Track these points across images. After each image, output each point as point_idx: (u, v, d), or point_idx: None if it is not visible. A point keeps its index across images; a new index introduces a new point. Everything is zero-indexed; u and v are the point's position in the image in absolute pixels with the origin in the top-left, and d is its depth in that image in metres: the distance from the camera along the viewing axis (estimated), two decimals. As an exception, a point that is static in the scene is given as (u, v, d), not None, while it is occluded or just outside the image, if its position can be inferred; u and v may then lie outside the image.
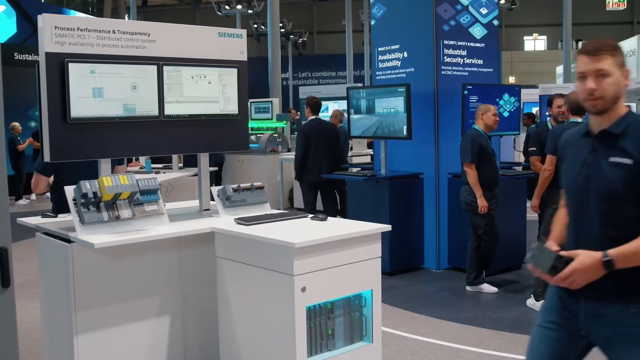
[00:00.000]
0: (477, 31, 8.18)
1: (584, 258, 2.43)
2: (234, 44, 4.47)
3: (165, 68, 3.99)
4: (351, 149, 12.76)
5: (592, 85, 2.48)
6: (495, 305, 6.47)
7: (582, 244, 2.53)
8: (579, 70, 2.54)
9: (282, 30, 30.43)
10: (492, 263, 7.00)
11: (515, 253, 7.74)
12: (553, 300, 2.69)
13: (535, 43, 42.57)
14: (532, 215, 7.57)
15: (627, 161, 2.45)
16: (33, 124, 16.00)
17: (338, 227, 3.94)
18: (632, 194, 2.44)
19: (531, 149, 6.59)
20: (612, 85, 2.49)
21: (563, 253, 2.49)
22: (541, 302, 6.07)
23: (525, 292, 6.72)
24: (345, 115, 10.63)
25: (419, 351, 5.23)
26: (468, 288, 6.91)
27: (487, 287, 6.85)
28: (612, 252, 2.41)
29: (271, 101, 14.55)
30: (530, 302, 6.26)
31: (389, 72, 8.45)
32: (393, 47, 8.37)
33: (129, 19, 28.61)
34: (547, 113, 13.14)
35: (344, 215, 8.36)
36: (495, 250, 6.82)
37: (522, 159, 14.25)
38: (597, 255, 2.41)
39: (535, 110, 15.37)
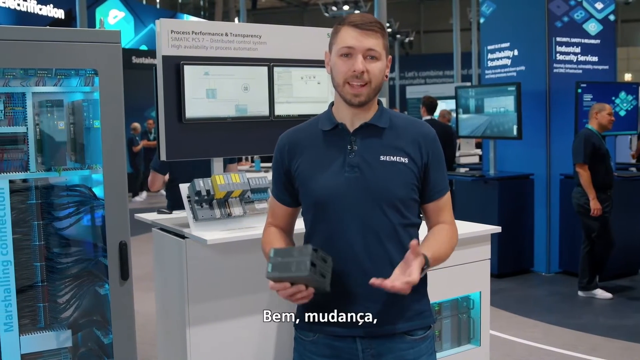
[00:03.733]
0: (592, 27, 7.91)
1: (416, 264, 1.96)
2: (342, 44, 4.47)
3: (275, 69, 4.06)
4: (459, 148, 12.61)
5: (360, 67, 2.06)
6: (609, 311, 6.23)
7: (348, 267, 2.11)
8: (346, 45, 2.08)
9: (389, 29, 30.34)
10: (607, 268, 6.77)
11: (632, 258, 7.46)
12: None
13: (654, 38, 40.55)
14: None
15: (403, 159, 2.12)
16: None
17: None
18: (409, 197, 2.13)
19: None
20: (380, 72, 2.11)
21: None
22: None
23: (641, 299, 6.46)
24: (453, 114, 10.49)
25: (528, 356, 5.12)
26: (580, 293, 6.70)
27: (600, 293, 6.62)
28: (428, 254, 2.01)
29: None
30: (648, 309, 6.01)
31: (498, 70, 8.31)
32: (503, 45, 8.23)
33: (239, 21, 29.29)
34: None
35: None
36: (609, 254, 6.58)
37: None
38: (420, 260, 1.96)
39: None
